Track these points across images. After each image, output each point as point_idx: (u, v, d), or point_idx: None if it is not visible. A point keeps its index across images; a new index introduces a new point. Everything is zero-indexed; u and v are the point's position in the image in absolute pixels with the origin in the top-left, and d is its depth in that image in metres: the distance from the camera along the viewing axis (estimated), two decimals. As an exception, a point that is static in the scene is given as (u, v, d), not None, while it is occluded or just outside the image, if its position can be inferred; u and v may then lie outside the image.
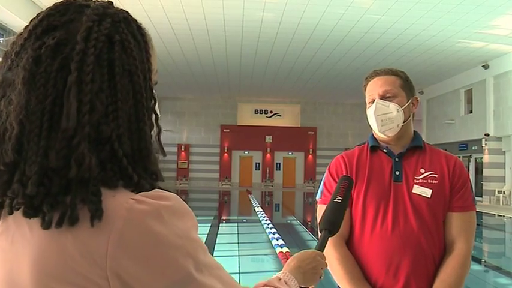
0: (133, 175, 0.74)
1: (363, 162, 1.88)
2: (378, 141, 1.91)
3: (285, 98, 31.26)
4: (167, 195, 0.74)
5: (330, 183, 1.90)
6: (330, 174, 1.92)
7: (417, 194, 1.77)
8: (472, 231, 1.81)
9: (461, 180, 1.81)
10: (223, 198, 25.05)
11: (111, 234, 0.67)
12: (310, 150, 32.18)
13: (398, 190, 1.80)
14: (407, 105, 1.85)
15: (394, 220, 1.76)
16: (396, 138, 1.86)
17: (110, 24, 0.77)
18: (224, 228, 12.40)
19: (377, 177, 1.83)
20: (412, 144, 1.87)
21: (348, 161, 1.90)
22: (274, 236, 9.17)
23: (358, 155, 1.91)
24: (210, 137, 32.03)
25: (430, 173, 1.80)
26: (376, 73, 1.90)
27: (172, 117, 31.94)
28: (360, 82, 1.97)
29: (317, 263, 1.12)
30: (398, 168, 1.82)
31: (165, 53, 19.50)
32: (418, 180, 1.79)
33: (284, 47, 18.60)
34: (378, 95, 1.85)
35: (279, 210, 20.35)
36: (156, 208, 0.70)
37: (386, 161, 1.85)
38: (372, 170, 1.85)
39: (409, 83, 1.90)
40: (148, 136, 0.78)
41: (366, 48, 18.41)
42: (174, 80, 25.81)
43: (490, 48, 18.12)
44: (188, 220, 0.74)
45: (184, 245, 0.71)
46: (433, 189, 1.77)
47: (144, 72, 0.79)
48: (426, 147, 1.89)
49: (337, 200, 1.22)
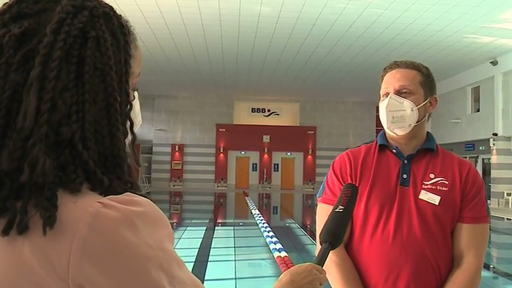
0: (103, 178, 0.71)
1: (369, 161, 1.83)
2: (387, 140, 1.86)
3: (283, 96, 31.27)
4: (139, 200, 0.70)
5: (332, 181, 1.86)
6: (334, 172, 1.87)
7: (424, 200, 1.73)
8: (483, 245, 1.76)
9: (475, 189, 1.76)
10: (219, 200, 25.01)
11: (74, 241, 0.64)
12: (309, 151, 32.19)
13: (404, 194, 1.75)
14: (423, 105, 1.80)
15: (396, 226, 1.72)
16: (407, 138, 1.81)
17: (86, 18, 0.74)
18: (220, 231, 12.41)
19: (382, 179, 1.79)
20: (424, 146, 1.82)
21: (353, 159, 1.85)
22: (272, 240, 9.16)
23: (365, 153, 1.87)
24: (205, 137, 32.02)
25: (440, 179, 1.76)
26: (397, 64, 1.85)
27: (166, 116, 31.93)
28: (361, 80, 1.95)
29: (314, 276, 1.04)
30: (406, 171, 1.78)
31: (158, 48, 19.48)
32: (426, 186, 1.75)
33: (282, 42, 18.60)
34: (394, 89, 1.80)
35: (277, 213, 20.36)
36: (125, 214, 0.67)
37: (394, 162, 1.81)
38: (378, 170, 1.81)
39: (430, 80, 1.86)
40: (122, 143, 0.75)
41: (368, 44, 18.42)
42: (167, 77, 25.78)
43: (499, 43, 18.09)
44: (162, 229, 0.71)
45: (157, 256, 0.68)
46: (441, 197, 1.73)
47: (120, 74, 0.76)
48: (439, 151, 1.84)
49: (339, 210, 1.19)
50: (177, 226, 13.65)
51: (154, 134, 31.66)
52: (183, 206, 21.77)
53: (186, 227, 13.00)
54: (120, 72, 0.76)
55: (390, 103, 1.79)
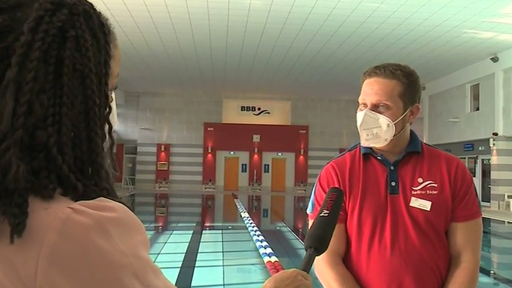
0: (77, 184, 0.70)
1: (356, 172, 1.85)
2: (371, 147, 1.87)
3: (274, 93, 31.29)
4: (112, 205, 0.70)
5: (321, 196, 1.86)
6: (321, 186, 1.89)
7: (415, 208, 1.76)
8: (478, 240, 1.81)
9: (465, 187, 1.80)
10: (207, 202, 25.04)
11: (42, 249, 0.64)
12: (301, 151, 32.25)
13: (395, 203, 1.78)
14: (401, 118, 1.80)
15: (393, 237, 1.75)
16: (390, 146, 1.83)
17: (65, 17, 0.73)
18: (207, 235, 12.40)
19: (372, 189, 1.81)
20: (409, 149, 1.84)
21: (339, 170, 1.87)
22: (262, 244, 9.17)
23: (351, 163, 1.88)
24: (193, 136, 31.96)
25: (429, 183, 1.78)
26: (375, 72, 1.81)
27: (151, 114, 31.83)
28: (356, 77, 1.95)
29: (299, 283, 1.02)
30: (394, 178, 1.80)
31: (143, 43, 19.40)
32: (415, 192, 1.77)
33: (273, 37, 18.61)
34: (371, 103, 1.79)
35: (267, 216, 20.42)
36: (97, 220, 0.66)
37: (381, 170, 1.83)
38: (366, 181, 1.83)
39: (411, 89, 1.81)
40: (100, 148, 0.75)
41: (362, 40, 18.49)
42: (153, 74, 25.68)
43: (500, 39, 18.15)
44: (136, 235, 0.71)
45: (131, 263, 0.67)
46: (432, 201, 1.76)
47: (100, 76, 0.76)
48: (424, 151, 1.86)
49: (324, 214, 1.18)
50: (162, 230, 13.62)
51: (139, 133, 31.55)
52: (169, 209, 21.73)
53: (172, 231, 12.98)
54: (100, 73, 0.76)
55: (365, 120, 1.78)
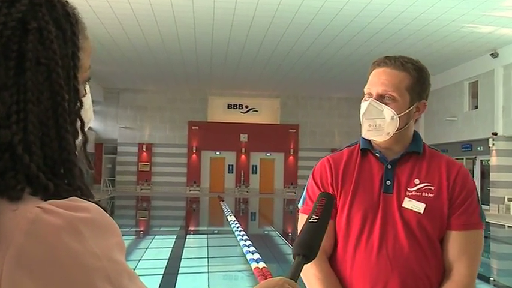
0: (47, 183, 0.70)
1: (351, 167, 1.86)
2: (371, 143, 1.88)
3: (262, 90, 31.31)
4: (85, 205, 0.70)
5: (313, 190, 1.88)
6: (314, 180, 1.90)
7: (408, 209, 1.75)
8: (476, 254, 1.77)
9: (464, 193, 1.77)
10: (191, 205, 25.02)
11: (8, 250, 0.63)
12: (291, 151, 32.32)
13: (388, 203, 1.78)
14: (407, 112, 1.80)
15: (381, 237, 1.75)
16: (391, 143, 1.84)
17: (25, 7, 0.72)
18: (192, 240, 12.38)
19: (365, 186, 1.82)
20: (409, 149, 1.84)
21: (334, 165, 1.88)
22: (249, 250, 9.17)
23: (347, 158, 1.89)
24: (176, 136, 31.89)
25: (425, 185, 1.78)
26: (385, 62, 1.82)
27: (132, 112, 31.69)
28: (349, 73, 1.95)
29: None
30: (390, 177, 1.81)
31: (123, 36, 19.31)
32: (410, 193, 1.77)
33: (262, 31, 18.61)
34: (376, 93, 1.80)
35: (255, 219, 20.46)
36: (69, 220, 0.66)
37: (378, 167, 1.84)
38: (360, 177, 1.83)
39: (420, 84, 1.82)
40: (72, 146, 0.75)
41: (355, 34, 18.56)
42: (134, 69, 25.57)
43: (500, 33, 18.20)
44: (111, 237, 0.70)
45: (104, 267, 0.67)
46: (427, 204, 1.75)
47: (68, 69, 0.75)
48: (426, 152, 1.86)
49: (313, 220, 1.19)
50: (144, 235, 13.56)
51: (119, 132, 31.40)
52: (151, 212, 21.65)
53: (154, 236, 12.94)
54: (68, 67, 0.75)
55: (368, 110, 1.79)
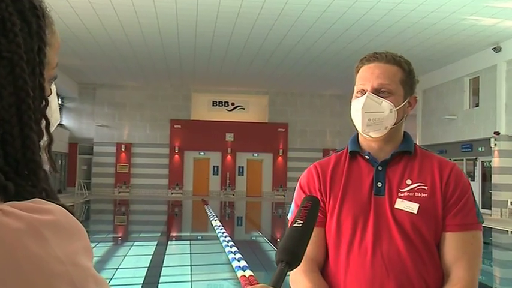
0: (7, 184, 0.70)
1: (339, 172, 1.90)
2: (359, 145, 1.92)
3: (249, 87, 31.32)
4: (49, 207, 0.69)
5: (300, 199, 1.87)
6: (301, 189, 1.93)
7: (401, 210, 1.78)
8: (475, 256, 1.78)
9: (458, 192, 1.81)
10: (173, 209, 24.99)
11: None
12: (280, 151, 32.37)
13: (380, 205, 1.81)
14: (402, 106, 1.88)
15: (375, 240, 1.77)
16: (382, 142, 1.88)
17: None
18: (174, 247, 12.37)
19: (354, 189, 1.85)
20: (400, 149, 1.89)
21: (321, 171, 1.92)
22: (235, 257, 9.17)
23: (335, 163, 1.93)
24: (157, 135, 31.81)
25: (418, 185, 1.81)
26: (376, 57, 1.89)
27: (110, 109, 31.54)
28: (341, 69, 1.98)
29: None
30: (381, 178, 1.84)
31: (100, 28, 19.21)
32: (402, 194, 1.81)
33: (249, 24, 18.61)
34: (372, 87, 1.85)
35: (241, 224, 20.46)
36: (30, 223, 0.66)
37: (367, 169, 1.87)
38: (349, 180, 1.87)
39: (411, 78, 1.92)
40: (36, 145, 0.75)
41: (348, 28, 18.62)
42: (111, 63, 25.45)
43: (503, 26, 18.22)
44: (76, 240, 0.70)
45: (68, 272, 0.66)
46: (420, 204, 1.78)
47: (33, 65, 0.75)
48: (417, 152, 1.91)
49: (297, 225, 1.18)
50: (122, 241, 13.51)
51: (96, 131, 31.25)
52: (129, 217, 21.58)
53: (133, 242, 12.88)
54: (33, 62, 0.75)
55: (367, 103, 1.84)
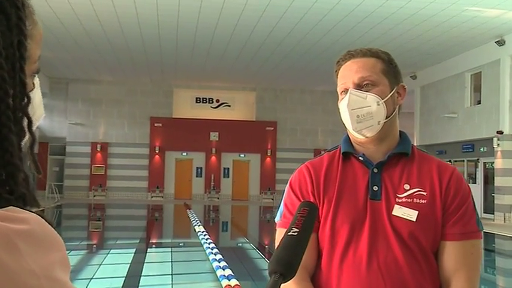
0: None
1: (333, 174, 1.91)
2: (353, 146, 1.94)
3: (235, 83, 31.31)
4: (23, 216, 0.70)
5: (292, 202, 1.90)
6: (292, 191, 1.93)
7: (398, 217, 1.80)
8: (476, 266, 1.82)
9: (458, 198, 1.83)
10: (153, 214, 24.94)
11: None
12: (268, 152, 32.39)
13: (376, 210, 1.82)
14: (390, 96, 1.89)
15: (370, 248, 1.78)
16: (377, 141, 1.89)
17: None
18: (153, 255, 12.33)
19: (349, 194, 1.86)
20: (396, 150, 1.90)
21: (314, 173, 1.92)
22: (219, 265, 9.16)
23: (328, 164, 1.93)
24: (136, 134, 31.72)
25: (416, 190, 1.83)
26: (351, 54, 1.92)
27: (84, 106, 31.37)
28: (334, 63, 2.00)
29: None
30: (377, 181, 1.86)
31: (73, 18, 19.10)
32: (400, 199, 1.82)
33: (235, 15, 18.60)
34: (353, 83, 1.87)
35: (227, 230, 20.48)
36: (3, 233, 0.66)
37: (362, 172, 1.89)
38: (344, 184, 1.88)
39: (393, 67, 1.93)
40: (15, 147, 0.75)
41: (341, 20, 18.66)
42: (86, 57, 25.31)
43: (507, 18, 18.27)
44: (52, 252, 0.71)
45: (42, 286, 0.67)
46: (419, 211, 1.79)
47: (13, 61, 0.75)
48: (415, 154, 1.92)
49: (293, 233, 1.19)
50: (97, 249, 13.45)
51: (69, 130, 31.08)
52: (105, 223, 21.49)
53: (109, 250, 12.82)
54: (13, 58, 0.75)
55: (352, 100, 1.86)
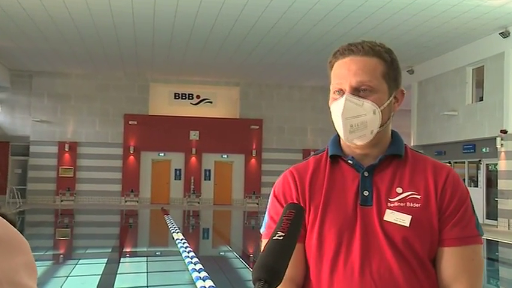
0: None
1: (320, 178, 1.90)
2: (341, 148, 1.93)
3: (217, 77, 31.30)
4: None
5: (276, 211, 1.89)
6: (276, 199, 1.93)
7: (390, 222, 1.79)
8: (478, 273, 1.82)
9: (455, 201, 1.82)
10: (127, 220, 24.93)
11: None
12: (253, 152, 32.46)
13: (367, 216, 1.82)
14: (387, 104, 1.87)
15: (363, 257, 1.78)
16: (368, 146, 1.88)
17: None
18: (127, 265, 12.31)
19: (337, 199, 1.85)
20: (388, 151, 1.90)
21: (298, 177, 1.92)
22: (200, 276, 9.16)
23: (314, 168, 1.93)
24: (109, 132, 31.63)
25: (409, 194, 1.82)
26: (351, 50, 1.86)
27: (50, 102, 31.19)
28: (324, 56, 1.97)
29: None
30: (368, 186, 1.85)
31: (37, 4, 18.99)
32: (392, 204, 1.82)
33: (217, 4, 18.59)
34: (350, 86, 1.84)
35: (207, 237, 20.48)
36: None
37: (352, 176, 1.88)
38: (331, 188, 1.87)
39: (394, 69, 1.90)
40: None
41: (333, 8, 18.71)
42: (52, 46, 25.16)
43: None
44: (17, 255, 0.70)
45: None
46: (413, 216, 1.79)
47: None
48: (408, 156, 1.92)
49: (278, 238, 1.20)
50: (64, 259, 13.38)
51: (33, 128, 30.91)
52: (74, 230, 21.42)
53: (78, 260, 12.78)
54: None
55: (347, 108, 1.82)
